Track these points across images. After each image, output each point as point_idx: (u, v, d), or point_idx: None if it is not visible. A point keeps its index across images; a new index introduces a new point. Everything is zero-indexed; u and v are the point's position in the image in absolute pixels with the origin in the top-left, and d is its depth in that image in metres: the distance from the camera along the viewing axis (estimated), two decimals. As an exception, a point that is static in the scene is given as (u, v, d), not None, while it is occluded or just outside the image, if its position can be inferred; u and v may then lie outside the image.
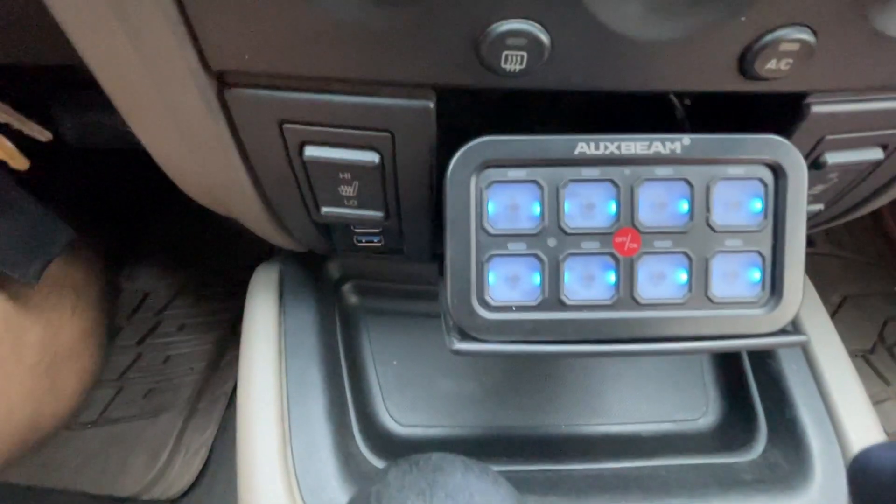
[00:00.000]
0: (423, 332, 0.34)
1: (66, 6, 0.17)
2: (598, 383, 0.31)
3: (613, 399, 0.31)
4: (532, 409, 0.30)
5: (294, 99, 0.18)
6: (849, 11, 0.16)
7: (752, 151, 0.18)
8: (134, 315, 0.77)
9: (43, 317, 0.33)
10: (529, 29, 0.15)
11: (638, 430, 0.30)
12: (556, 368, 0.31)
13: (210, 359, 0.72)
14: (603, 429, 0.30)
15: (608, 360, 0.31)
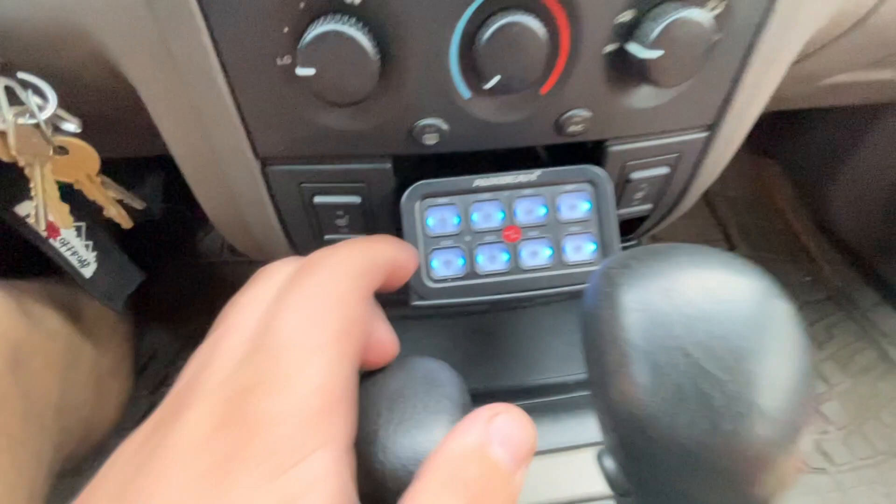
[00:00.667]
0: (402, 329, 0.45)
1: (166, 118, 0.30)
2: (534, 352, 0.42)
3: (545, 360, 0.42)
4: (483, 374, 0.41)
5: (308, 169, 0.31)
6: (610, 97, 0.30)
7: (579, 175, 0.32)
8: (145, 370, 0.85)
9: (92, 339, 0.42)
10: (437, 122, 0.29)
11: (564, 379, 0.41)
12: (502, 343, 0.42)
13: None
14: (539, 381, 0.41)
15: (543, 333, 0.43)
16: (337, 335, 0.14)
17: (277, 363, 0.13)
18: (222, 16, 0.24)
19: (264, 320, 0.15)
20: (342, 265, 0.16)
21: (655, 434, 0.16)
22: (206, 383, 0.14)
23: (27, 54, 0.26)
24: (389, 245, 0.20)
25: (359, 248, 0.18)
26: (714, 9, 0.27)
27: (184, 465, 0.12)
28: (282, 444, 0.12)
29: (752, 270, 0.18)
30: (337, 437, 0.14)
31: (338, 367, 0.14)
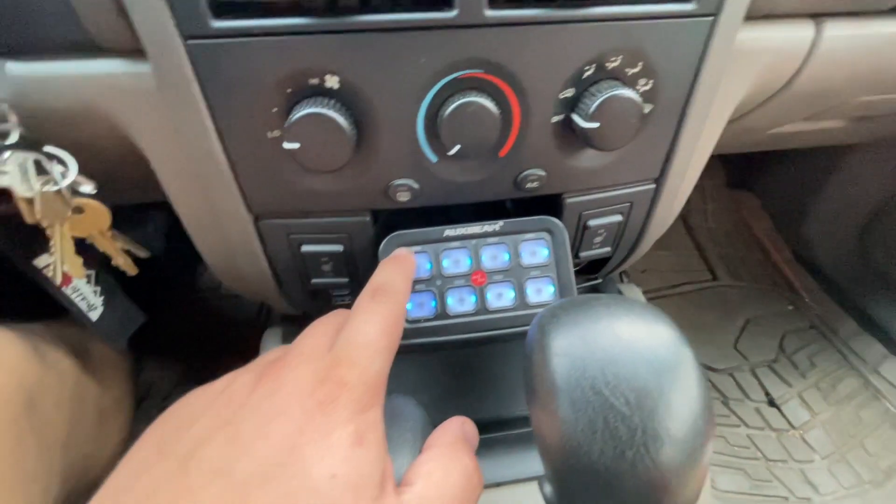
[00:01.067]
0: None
1: (171, 180, 0.34)
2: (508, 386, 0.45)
3: (518, 394, 0.45)
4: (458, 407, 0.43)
5: (295, 223, 0.35)
6: (561, 158, 0.34)
7: (538, 225, 0.36)
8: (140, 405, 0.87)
9: (97, 377, 0.45)
10: (407, 182, 0.33)
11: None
12: (476, 377, 0.45)
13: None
14: (514, 413, 0.44)
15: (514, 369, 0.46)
16: (391, 345, 0.23)
17: (356, 353, 0.21)
18: (221, 99, 0.28)
19: (345, 326, 0.23)
20: (399, 302, 0.25)
21: (576, 462, 0.19)
22: (302, 358, 0.21)
23: (54, 131, 0.30)
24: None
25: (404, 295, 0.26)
26: (644, 86, 0.31)
27: (300, 401, 0.19)
28: (358, 398, 0.20)
29: (657, 319, 0.21)
30: (381, 402, 0.21)
31: (387, 363, 0.22)
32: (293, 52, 0.27)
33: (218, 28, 0.26)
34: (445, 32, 0.27)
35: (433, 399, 0.42)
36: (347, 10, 0.26)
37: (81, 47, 0.28)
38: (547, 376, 0.20)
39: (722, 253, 1.11)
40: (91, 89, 0.29)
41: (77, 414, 0.38)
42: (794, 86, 0.38)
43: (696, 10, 0.29)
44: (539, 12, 0.27)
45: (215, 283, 0.99)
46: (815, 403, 0.85)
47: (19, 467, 0.30)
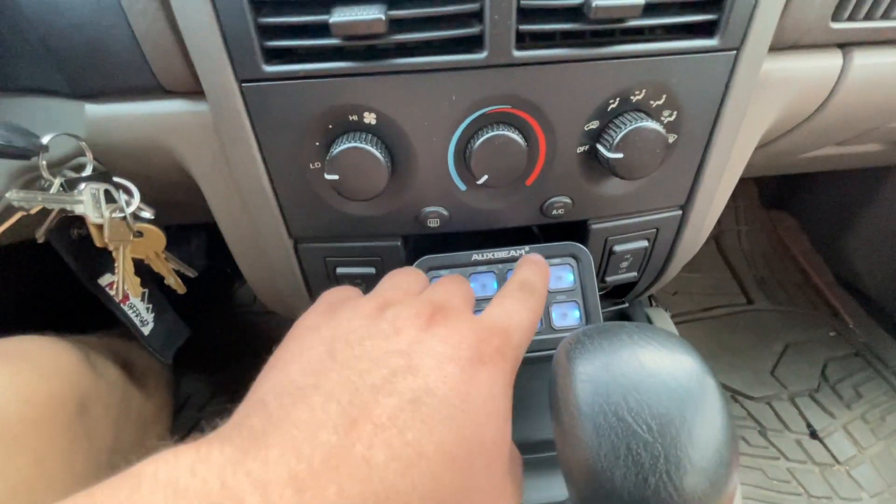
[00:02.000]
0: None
1: (220, 206, 0.37)
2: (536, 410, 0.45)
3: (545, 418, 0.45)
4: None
5: (332, 246, 0.37)
6: (586, 186, 0.35)
7: (563, 250, 0.36)
8: (178, 415, 0.90)
9: (141, 388, 0.48)
10: (438, 209, 0.34)
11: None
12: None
13: (245, 445, 0.83)
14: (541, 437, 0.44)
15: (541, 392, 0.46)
16: (532, 336, 0.25)
17: (511, 329, 0.24)
18: (269, 134, 0.31)
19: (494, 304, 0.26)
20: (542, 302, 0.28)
21: (599, 487, 0.19)
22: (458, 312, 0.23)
23: (121, 163, 0.34)
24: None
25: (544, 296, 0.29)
26: (668, 118, 0.32)
27: (468, 353, 0.20)
28: (509, 371, 0.22)
29: (682, 349, 0.22)
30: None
31: (525, 350, 0.24)
32: (335, 93, 0.29)
33: (269, 72, 0.28)
34: (476, 72, 0.29)
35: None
36: (385, 54, 0.28)
37: (149, 90, 0.31)
38: (571, 401, 0.21)
39: (758, 275, 1.08)
40: (156, 126, 0.32)
41: (122, 421, 0.41)
42: (824, 113, 0.38)
43: (719, 45, 0.30)
44: (565, 52, 0.28)
45: (250, 299, 1.03)
46: (861, 437, 0.80)
47: (70, 469, 0.32)
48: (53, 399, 0.32)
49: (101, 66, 0.30)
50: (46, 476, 0.31)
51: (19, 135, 0.26)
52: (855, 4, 0.31)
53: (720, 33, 0.29)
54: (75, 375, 0.37)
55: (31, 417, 0.31)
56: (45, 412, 0.32)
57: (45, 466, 0.31)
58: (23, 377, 0.32)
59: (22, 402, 0.31)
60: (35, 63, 0.30)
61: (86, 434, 0.35)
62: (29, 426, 0.30)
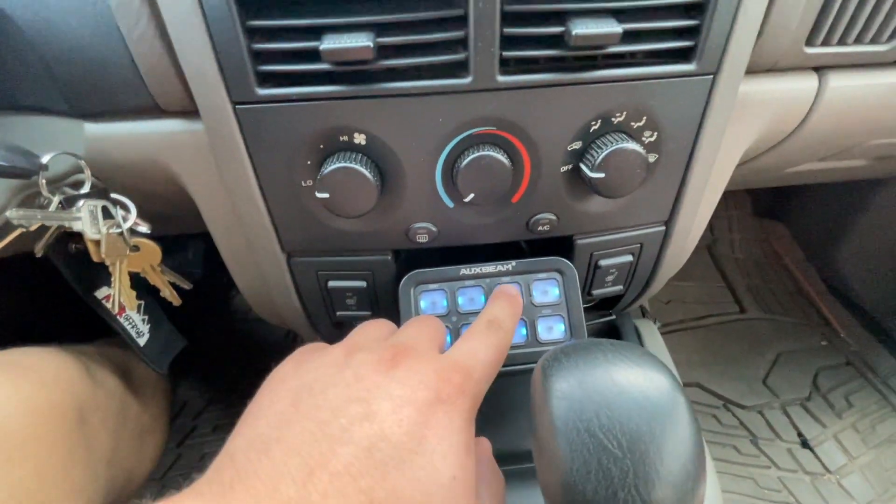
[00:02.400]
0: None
1: (215, 221, 0.38)
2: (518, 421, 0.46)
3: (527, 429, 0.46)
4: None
5: (324, 260, 0.38)
6: (570, 203, 0.36)
7: (549, 265, 0.37)
8: (173, 422, 0.91)
9: (138, 397, 0.48)
10: (426, 225, 0.35)
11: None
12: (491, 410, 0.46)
13: (240, 452, 0.84)
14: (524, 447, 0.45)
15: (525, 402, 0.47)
16: (495, 374, 0.26)
17: (472, 366, 0.24)
18: (262, 153, 0.32)
19: (459, 344, 0.27)
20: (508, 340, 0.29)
21: (571, 499, 0.20)
22: (419, 353, 0.24)
23: (119, 180, 0.35)
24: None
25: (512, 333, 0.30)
26: (648, 138, 0.33)
27: (426, 395, 0.21)
28: (469, 408, 0.23)
29: (654, 367, 0.22)
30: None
31: (487, 388, 0.25)
32: (326, 115, 0.30)
33: (262, 95, 0.29)
34: (461, 96, 0.30)
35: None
36: (374, 78, 0.29)
37: (146, 110, 0.32)
38: (547, 417, 0.22)
39: (750, 284, 1.09)
40: (153, 145, 0.33)
41: (120, 430, 0.42)
42: (802, 133, 0.39)
43: (696, 69, 0.31)
44: (548, 77, 0.29)
45: (246, 307, 1.04)
46: (852, 446, 0.81)
47: (69, 478, 0.33)
48: (54, 410, 0.33)
49: (100, 87, 0.31)
50: (46, 486, 0.31)
51: (20, 155, 0.27)
52: (828, 31, 0.33)
53: (697, 58, 0.30)
54: (75, 386, 0.37)
55: (33, 428, 0.32)
56: (46, 423, 0.33)
57: (44, 477, 0.31)
58: (25, 388, 0.33)
59: (24, 413, 0.31)
60: (35, 83, 0.31)
61: (85, 444, 0.36)
62: (30, 437, 0.31)
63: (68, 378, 0.37)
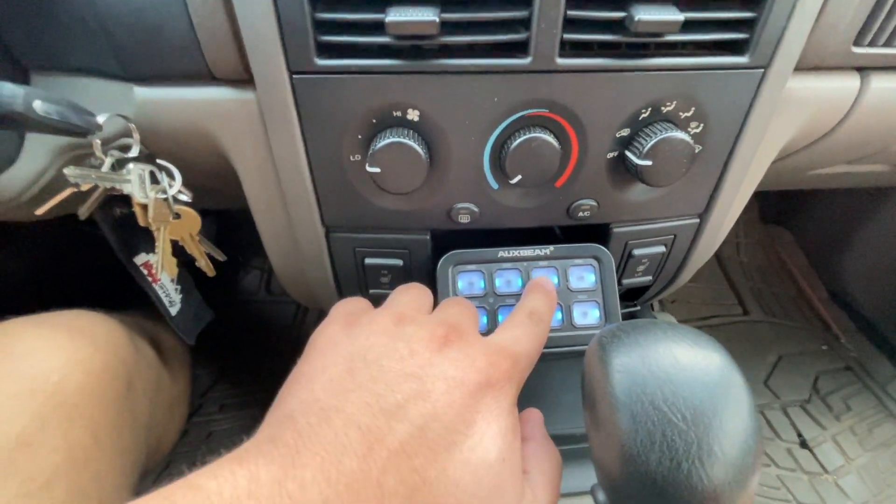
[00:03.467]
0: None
1: (256, 193, 0.38)
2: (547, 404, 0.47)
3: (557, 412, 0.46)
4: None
5: (362, 237, 0.38)
6: (612, 191, 0.36)
7: (586, 252, 0.38)
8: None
9: (169, 369, 0.49)
10: (469, 206, 0.35)
11: (573, 431, 0.45)
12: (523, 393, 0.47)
13: (248, 432, 0.84)
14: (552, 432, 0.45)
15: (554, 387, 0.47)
16: (534, 364, 0.27)
17: (517, 352, 0.25)
18: (314, 125, 0.32)
19: (501, 330, 0.27)
20: (546, 333, 0.29)
21: (633, 470, 0.21)
22: (471, 333, 0.25)
23: (165, 146, 0.34)
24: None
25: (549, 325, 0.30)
26: (695, 129, 0.33)
27: (475, 376, 0.22)
28: (513, 393, 0.24)
29: (712, 345, 0.23)
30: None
31: (526, 377, 0.26)
32: (383, 89, 0.30)
33: (321, 65, 0.29)
34: (518, 76, 0.30)
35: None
36: (432, 54, 0.29)
37: (198, 76, 0.32)
38: (609, 390, 0.22)
39: (754, 288, 1.10)
40: (202, 112, 0.33)
41: (155, 400, 0.42)
42: (839, 133, 0.39)
43: (748, 62, 0.31)
44: (605, 61, 0.30)
45: (255, 287, 1.04)
46: (850, 448, 0.82)
47: (120, 440, 0.33)
48: (108, 372, 0.34)
49: (156, 50, 0.30)
50: (100, 447, 0.32)
51: (77, 113, 0.27)
52: (876, 31, 0.33)
53: (750, 52, 0.31)
54: (124, 351, 0.38)
55: (89, 389, 0.32)
56: (101, 385, 0.33)
57: (99, 437, 0.32)
58: (83, 350, 0.33)
59: (83, 374, 0.32)
60: (91, 44, 0.31)
61: (130, 408, 0.36)
62: (87, 397, 0.31)
63: (120, 343, 0.38)
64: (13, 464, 0.28)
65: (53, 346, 0.32)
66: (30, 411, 0.30)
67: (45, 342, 0.32)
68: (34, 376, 0.31)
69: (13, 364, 0.31)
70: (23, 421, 0.29)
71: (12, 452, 0.28)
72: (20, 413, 0.29)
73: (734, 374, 0.22)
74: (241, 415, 0.86)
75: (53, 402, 0.30)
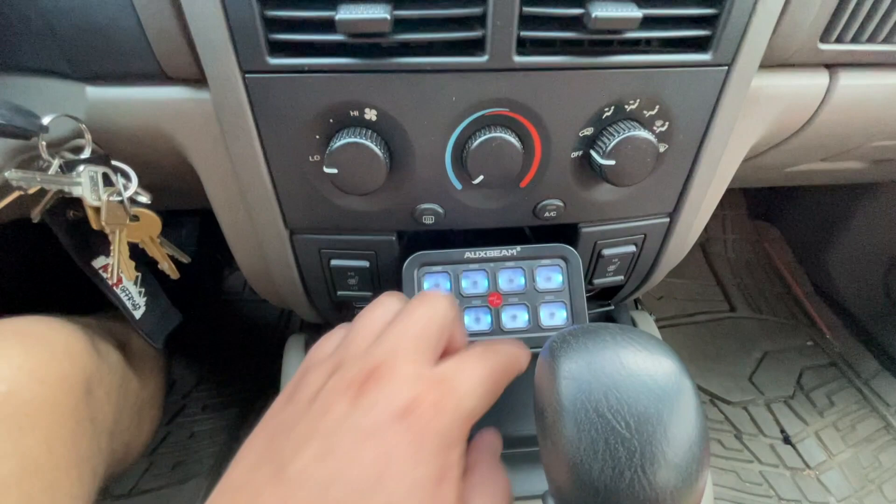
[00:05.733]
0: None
1: (218, 195, 0.37)
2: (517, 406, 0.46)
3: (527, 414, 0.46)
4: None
5: (327, 238, 0.37)
6: (578, 191, 0.36)
7: (553, 252, 0.37)
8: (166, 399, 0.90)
9: (138, 372, 0.48)
10: (433, 207, 0.35)
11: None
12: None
13: (229, 432, 0.83)
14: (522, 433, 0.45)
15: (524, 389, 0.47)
16: (492, 393, 0.24)
17: (459, 381, 0.22)
18: (270, 125, 0.31)
19: (454, 357, 0.24)
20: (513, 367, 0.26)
21: (577, 479, 0.20)
22: (405, 371, 0.22)
23: (120, 147, 0.34)
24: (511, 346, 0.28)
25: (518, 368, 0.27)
26: (660, 127, 0.33)
27: (392, 424, 0.20)
28: (447, 430, 0.21)
29: (661, 350, 0.23)
30: (465, 442, 0.22)
31: (481, 408, 0.23)
32: (337, 88, 0.29)
33: (273, 64, 0.29)
34: (476, 75, 0.29)
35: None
36: (388, 52, 0.29)
37: (151, 76, 0.31)
38: (554, 397, 0.22)
39: (741, 284, 1.10)
40: (157, 112, 0.32)
41: (121, 405, 0.41)
42: (809, 130, 0.39)
43: (711, 60, 0.31)
44: (565, 59, 0.29)
45: (240, 286, 1.03)
46: (832, 443, 0.83)
47: (76, 449, 0.33)
48: (63, 380, 0.33)
49: (105, 49, 0.30)
50: (54, 457, 0.31)
51: (20, 114, 0.26)
52: (843, 27, 0.33)
53: (713, 49, 0.30)
54: (83, 357, 0.37)
55: (43, 398, 0.31)
56: (56, 393, 0.32)
57: (53, 447, 0.31)
58: (37, 357, 0.32)
59: (36, 383, 0.31)
60: (37, 43, 0.30)
61: (90, 416, 0.36)
62: (41, 406, 0.31)
63: (76, 349, 0.37)
64: None
65: (2, 354, 0.31)
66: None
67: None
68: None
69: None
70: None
71: None
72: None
73: (683, 380, 0.22)
74: (224, 415, 0.86)
75: (3, 412, 0.29)
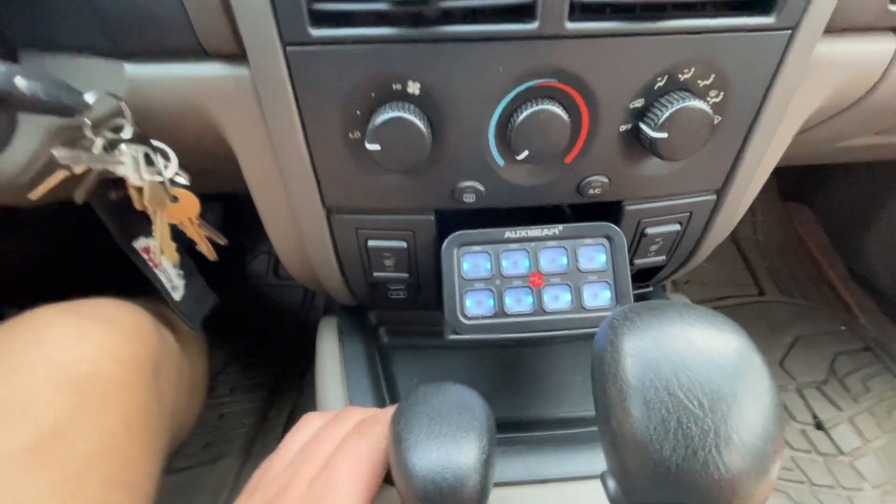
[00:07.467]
0: (435, 359, 0.50)
1: (255, 174, 0.36)
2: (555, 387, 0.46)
3: (565, 395, 0.45)
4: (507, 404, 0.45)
5: (364, 218, 0.37)
6: (625, 166, 0.34)
7: (597, 231, 0.36)
8: (192, 382, 0.92)
9: (188, 355, 0.49)
10: (474, 184, 0.34)
11: (582, 414, 0.45)
12: (526, 376, 0.46)
13: (258, 413, 0.85)
14: (559, 414, 0.45)
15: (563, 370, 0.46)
16: (370, 486, 0.24)
17: (329, 495, 0.23)
18: (310, 100, 0.31)
19: (326, 462, 0.25)
20: (379, 439, 0.26)
21: (646, 458, 0.20)
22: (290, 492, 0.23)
23: (159, 127, 0.33)
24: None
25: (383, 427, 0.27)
26: (714, 98, 0.31)
27: None
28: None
29: (730, 327, 0.22)
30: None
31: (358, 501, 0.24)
32: (380, 60, 0.28)
33: (315, 36, 0.28)
34: (524, 43, 0.28)
35: (483, 393, 0.43)
36: (432, 21, 0.28)
37: (190, 52, 0.30)
38: (620, 375, 0.21)
39: (771, 267, 1.07)
40: (195, 89, 0.32)
41: (178, 386, 0.43)
42: (870, 99, 0.37)
43: (774, 23, 0.29)
44: (617, 25, 0.28)
45: (263, 271, 1.04)
46: (867, 429, 0.81)
47: (148, 427, 0.34)
48: (137, 360, 0.34)
49: (144, 24, 0.29)
50: (131, 435, 0.32)
51: (65, 91, 0.26)
52: (917, -14, 0.30)
53: (777, 11, 0.28)
54: (151, 338, 0.38)
55: (121, 378, 0.32)
56: (132, 373, 0.33)
57: (130, 425, 0.32)
58: (114, 338, 0.33)
59: (114, 363, 0.32)
60: (76, 18, 0.29)
61: (158, 396, 0.37)
62: (119, 386, 0.32)
63: (146, 331, 0.38)
64: (49, 451, 0.28)
65: (83, 334, 0.32)
66: (63, 399, 0.30)
67: (76, 330, 0.32)
68: (66, 365, 0.31)
69: (44, 352, 0.31)
70: (57, 408, 0.29)
71: (48, 439, 0.28)
72: (54, 400, 0.29)
73: (754, 357, 0.21)
74: (252, 397, 0.87)
75: (86, 391, 0.30)
